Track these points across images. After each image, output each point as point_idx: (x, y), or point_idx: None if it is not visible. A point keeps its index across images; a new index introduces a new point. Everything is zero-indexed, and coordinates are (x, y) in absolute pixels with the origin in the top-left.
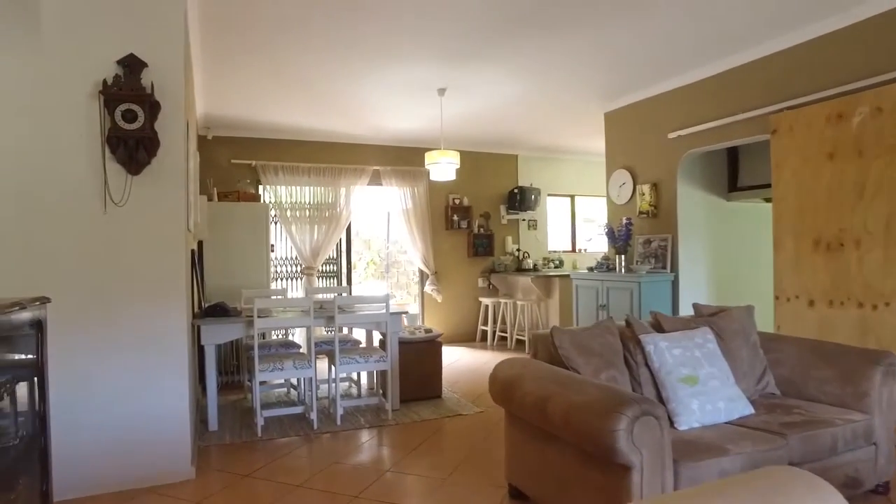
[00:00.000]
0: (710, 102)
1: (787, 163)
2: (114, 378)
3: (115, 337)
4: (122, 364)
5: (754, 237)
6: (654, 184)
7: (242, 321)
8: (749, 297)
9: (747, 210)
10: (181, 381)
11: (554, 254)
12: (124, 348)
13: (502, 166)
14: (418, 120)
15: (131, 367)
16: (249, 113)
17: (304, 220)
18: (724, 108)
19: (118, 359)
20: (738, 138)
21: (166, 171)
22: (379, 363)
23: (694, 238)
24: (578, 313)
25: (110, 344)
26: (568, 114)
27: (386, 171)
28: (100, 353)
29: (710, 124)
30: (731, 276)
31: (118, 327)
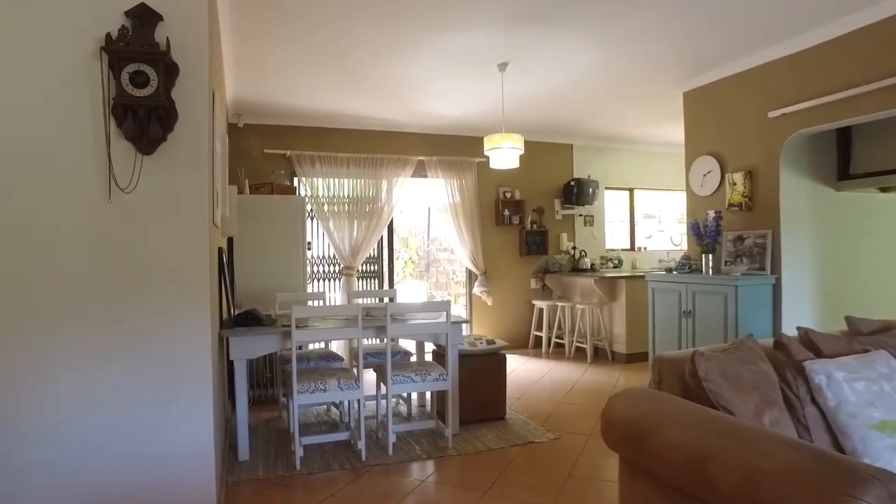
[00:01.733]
0: (828, 71)
1: None
2: (118, 406)
3: (119, 356)
4: (129, 388)
5: (869, 233)
6: (748, 171)
7: (278, 332)
8: (870, 306)
9: (860, 201)
10: (204, 409)
11: (612, 252)
12: (132, 369)
13: (557, 156)
14: (471, 103)
15: (141, 392)
16: (283, 97)
17: (342, 215)
18: (848, 76)
19: (124, 382)
20: (867, 113)
21: (186, 151)
22: (438, 382)
23: (798, 234)
24: (655, 321)
25: (113, 364)
26: (639, 94)
27: (432, 161)
28: (100, 376)
29: (826, 98)
30: (843, 280)
31: (124, 344)
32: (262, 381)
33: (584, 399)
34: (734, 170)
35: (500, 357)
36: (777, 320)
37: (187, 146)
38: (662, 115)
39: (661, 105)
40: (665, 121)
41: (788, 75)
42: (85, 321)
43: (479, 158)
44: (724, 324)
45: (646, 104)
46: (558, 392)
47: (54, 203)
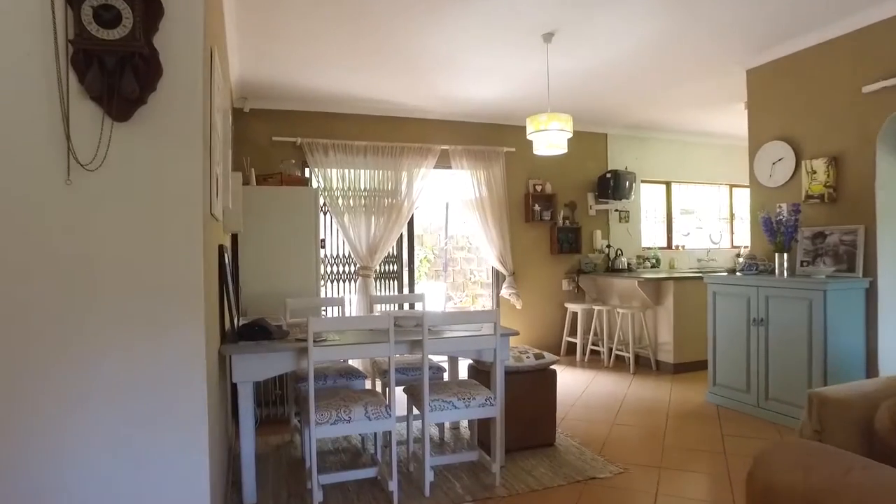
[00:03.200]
0: None
1: None
2: (79, 455)
3: (82, 388)
4: (95, 432)
5: None
6: (832, 158)
7: (292, 348)
8: None
9: None
10: (196, 453)
11: (649, 251)
12: (98, 405)
13: (590, 147)
14: (506, 83)
15: (113, 437)
16: (294, 78)
17: (358, 209)
18: None
19: (88, 423)
20: None
21: (174, 119)
22: (485, 408)
23: (891, 230)
24: (716, 330)
25: (81, 404)
26: (694, 72)
27: (457, 150)
28: (53, 415)
29: None
30: None
31: (86, 372)
32: (271, 398)
33: (639, 419)
34: (813, 156)
35: (549, 374)
36: (871, 332)
37: (176, 112)
38: (712, 99)
39: (715, 86)
40: (713, 105)
41: (891, 40)
42: (29, 344)
43: (507, 148)
44: (808, 335)
45: (698, 86)
46: (607, 410)
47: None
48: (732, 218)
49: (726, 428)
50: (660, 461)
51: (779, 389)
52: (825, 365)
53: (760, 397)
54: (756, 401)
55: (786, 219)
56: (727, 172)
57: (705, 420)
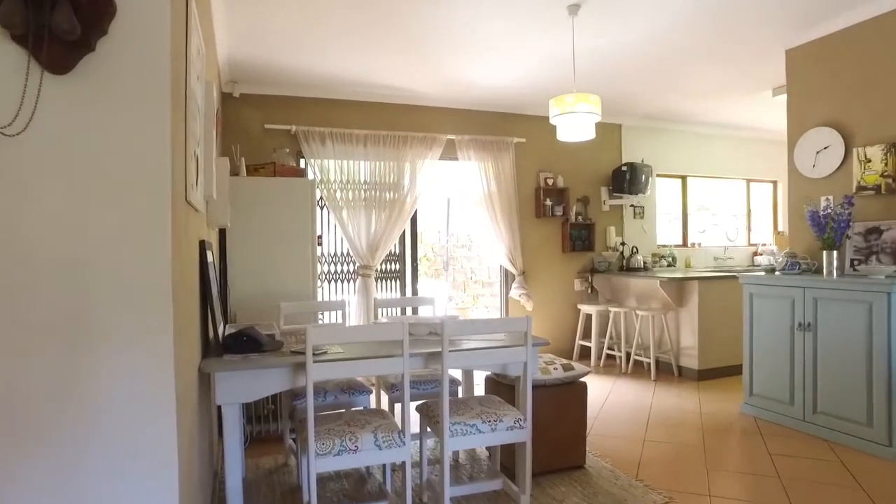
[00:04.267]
0: None
1: None
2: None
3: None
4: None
5: None
6: (891, 144)
7: (286, 363)
8: None
9: None
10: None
11: (664, 248)
12: (26, 449)
13: (603, 138)
14: (521, 66)
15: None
16: (288, 58)
17: (358, 203)
18: None
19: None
20: None
21: (132, 72)
22: (513, 432)
23: None
24: (753, 335)
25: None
26: (728, 53)
27: (463, 140)
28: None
29: None
30: None
31: (7, 404)
32: (263, 413)
33: (672, 434)
34: (867, 143)
35: (579, 388)
36: None
37: (135, 64)
38: (738, 86)
39: (745, 71)
40: (737, 93)
41: None
42: None
43: (517, 138)
44: (868, 343)
45: (729, 69)
46: (634, 423)
47: None
48: (749, 214)
49: (772, 445)
50: (707, 487)
51: (829, 402)
52: (889, 375)
53: (807, 410)
54: (802, 414)
55: (836, 212)
56: (744, 167)
57: (746, 435)
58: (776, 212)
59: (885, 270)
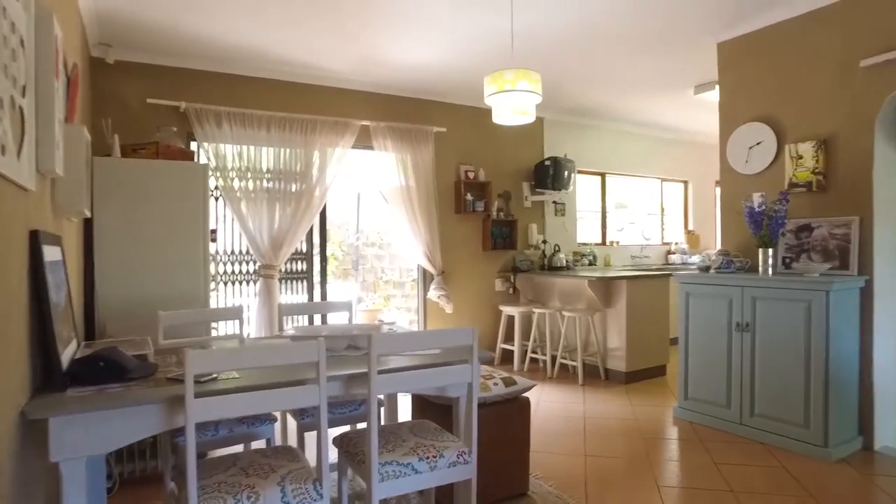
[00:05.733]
0: None
1: None
2: None
3: None
4: None
5: None
6: (821, 141)
7: (160, 399)
8: None
9: None
10: None
11: (585, 247)
12: None
13: (524, 131)
14: (448, 45)
15: None
16: (176, 22)
17: (260, 195)
18: None
19: None
20: None
21: None
22: (457, 469)
23: (886, 223)
24: (689, 335)
25: None
26: (660, 43)
27: (379, 128)
28: None
29: None
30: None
31: None
32: (138, 446)
33: (613, 446)
34: (799, 139)
35: (523, 404)
36: (866, 337)
37: None
38: (662, 82)
39: (673, 65)
40: (661, 90)
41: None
42: None
43: (437, 128)
44: (806, 343)
45: (657, 62)
46: (572, 435)
47: None
48: (663, 213)
49: (715, 453)
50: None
51: (767, 405)
52: (826, 375)
53: (744, 413)
54: (739, 417)
55: (771, 209)
56: (659, 166)
57: (687, 444)
58: (687, 211)
59: (819, 268)
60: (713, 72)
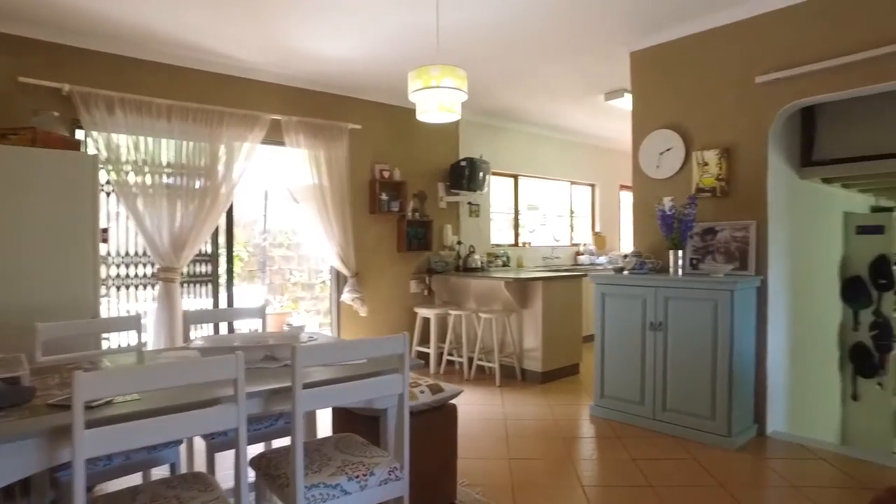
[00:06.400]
0: (844, 25)
1: None
2: None
3: None
4: None
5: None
6: (724, 149)
7: (37, 432)
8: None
9: (815, 192)
10: None
11: (499, 248)
12: None
13: (441, 132)
14: (367, 38)
15: None
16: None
17: (159, 191)
18: (872, 31)
19: None
20: (891, 80)
21: None
22: (389, 486)
23: (779, 227)
24: (605, 335)
25: None
26: (576, 49)
27: (291, 122)
28: None
29: (841, 59)
30: (807, 280)
31: None
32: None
33: (536, 448)
34: (704, 147)
35: (449, 412)
36: (762, 333)
37: None
38: (575, 87)
39: (586, 72)
40: (573, 95)
41: (786, 30)
42: None
43: (352, 125)
44: (713, 339)
45: (573, 66)
46: (494, 438)
47: None
48: (572, 215)
49: (632, 449)
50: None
51: (678, 399)
52: (730, 370)
53: (657, 409)
54: (652, 412)
55: (681, 212)
56: (568, 169)
57: (605, 441)
58: (594, 214)
59: (724, 269)
60: (623, 80)
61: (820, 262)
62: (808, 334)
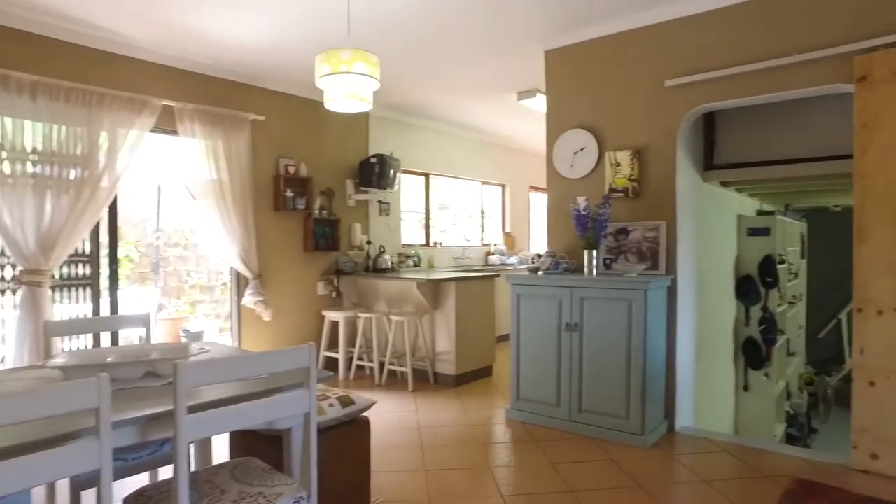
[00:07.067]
0: (746, 35)
1: (882, 124)
2: None
3: None
4: None
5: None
6: (636, 150)
7: None
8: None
9: (715, 194)
10: None
11: (410, 248)
12: None
13: (349, 126)
14: (274, 17)
15: None
16: None
17: (22, 180)
18: (771, 43)
19: None
20: (791, 88)
21: None
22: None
23: (686, 227)
24: (521, 337)
25: None
26: (492, 43)
27: (186, 109)
28: None
29: (743, 68)
30: (709, 279)
31: None
32: None
33: (453, 457)
34: (617, 147)
35: (362, 425)
36: (672, 330)
37: None
38: (488, 85)
39: (503, 66)
40: (486, 93)
41: (694, 37)
42: None
43: (255, 115)
44: (627, 339)
45: (488, 61)
46: (409, 448)
47: None
48: (483, 215)
49: (550, 453)
50: None
51: (593, 400)
52: (644, 370)
53: (573, 410)
54: (568, 414)
55: (595, 212)
56: (479, 169)
57: (523, 446)
58: (504, 214)
59: (636, 269)
60: (536, 80)
61: (718, 262)
62: (709, 331)
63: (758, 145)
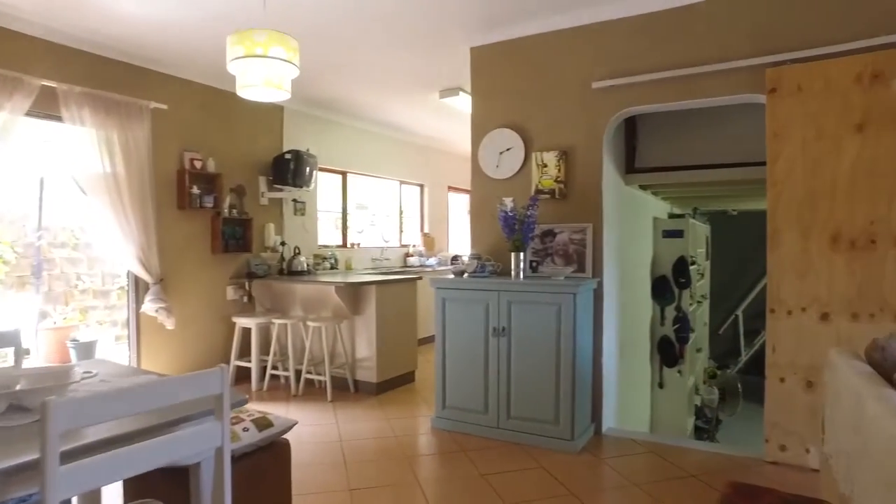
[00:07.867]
0: (669, 42)
1: (791, 134)
2: None
3: None
4: None
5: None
6: (563, 152)
7: None
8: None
9: (635, 197)
10: None
11: (326, 249)
12: None
13: (262, 120)
14: (178, 1)
15: None
16: None
17: None
18: (692, 52)
19: None
20: (709, 96)
21: None
22: None
23: (610, 229)
24: (447, 344)
25: None
26: (415, 36)
27: (73, 93)
28: None
29: (666, 73)
30: (629, 280)
31: None
32: None
33: (379, 474)
34: (544, 148)
35: (282, 450)
36: (598, 333)
37: None
38: (410, 81)
39: (427, 62)
40: (407, 90)
41: (620, 41)
42: None
43: (156, 104)
44: (556, 344)
45: (410, 56)
46: (332, 466)
47: None
48: (402, 215)
49: (479, 463)
50: None
51: (522, 406)
52: (573, 374)
53: (501, 417)
54: (496, 421)
55: (523, 213)
56: (397, 168)
57: (451, 457)
58: (423, 214)
59: (564, 272)
60: (459, 78)
61: (637, 264)
62: (629, 332)
63: (676, 150)
